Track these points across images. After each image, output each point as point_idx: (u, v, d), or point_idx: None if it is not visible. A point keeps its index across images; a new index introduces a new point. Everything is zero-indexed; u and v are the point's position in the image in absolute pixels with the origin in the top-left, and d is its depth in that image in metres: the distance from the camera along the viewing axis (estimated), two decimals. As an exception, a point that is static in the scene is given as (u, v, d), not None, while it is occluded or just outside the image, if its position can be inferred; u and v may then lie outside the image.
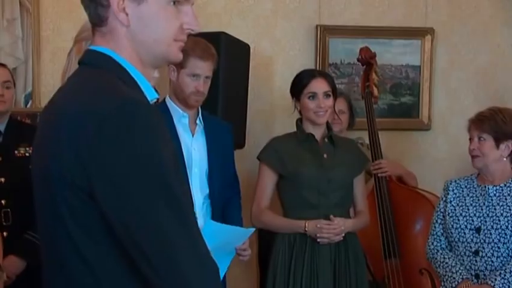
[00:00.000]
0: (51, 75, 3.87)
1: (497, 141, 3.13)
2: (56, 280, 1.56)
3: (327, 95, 3.33)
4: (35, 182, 1.58)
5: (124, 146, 1.41)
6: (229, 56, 3.76)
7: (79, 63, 1.63)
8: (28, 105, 3.90)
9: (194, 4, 1.64)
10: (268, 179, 3.39)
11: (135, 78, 1.57)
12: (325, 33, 4.52)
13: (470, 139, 3.20)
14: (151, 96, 1.60)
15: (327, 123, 3.41)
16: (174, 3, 1.57)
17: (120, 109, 1.42)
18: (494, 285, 3.01)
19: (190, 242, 1.45)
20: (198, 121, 3.16)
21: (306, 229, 3.26)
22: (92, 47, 1.59)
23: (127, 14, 1.53)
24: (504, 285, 3.00)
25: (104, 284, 1.47)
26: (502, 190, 3.16)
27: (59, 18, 3.90)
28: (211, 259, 1.49)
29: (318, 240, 3.25)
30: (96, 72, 1.55)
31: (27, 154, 3.32)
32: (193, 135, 3.13)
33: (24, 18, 3.87)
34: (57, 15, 3.90)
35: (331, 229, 3.24)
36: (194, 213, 1.54)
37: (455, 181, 3.30)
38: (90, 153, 1.41)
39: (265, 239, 3.72)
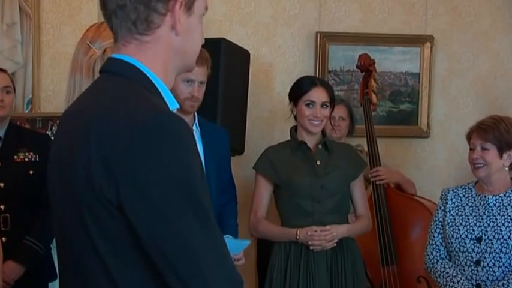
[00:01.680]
0: (51, 80, 3.83)
1: (501, 151, 3.09)
2: None
3: (325, 105, 3.31)
4: (53, 195, 1.56)
5: (156, 157, 1.38)
6: (229, 62, 3.73)
7: (101, 72, 1.60)
8: (27, 110, 3.86)
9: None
10: (264, 189, 3.38)
11: (159, 88, 1.55)
12: (324, 40, 4.50)
13: (471, 148, 3.15)
14: (173, 106, 1.57)
15: (322, 129, 3.38)
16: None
17: (153, 120, 1.40)
18: None
19: (217, 255, 1.43)
20: (194, 127, 3.13)
21: (298, 237, 3.25)
22: (115, 56, 1.57)
23: (181, 23, 1.54)
24: None
25: None
26: (502, 200, 3.12)
27: (59, 23, 3.86)
28: (237, 272, 1.46)
29: (311, 247, 3.24)
30: (124, 82, 1.52)
31: (26, 159, 3.31)
32: None
33: (23, 23, 3.83)
34: (57, 20, 3.85)
35: (322, 236, 3.22)
36: (216, 222, 1.49)
37: (453, 190, 3.26)
38: (120, 163, 1.38)
39: (263, 247, 3.72)
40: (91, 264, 1.45)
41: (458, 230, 3.13)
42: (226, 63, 3.65)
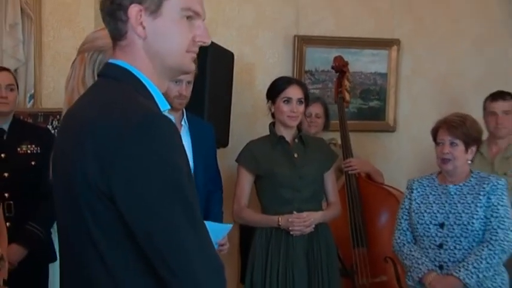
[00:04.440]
0: (52, 78, 3.78)
1: (467, 146, 3.10)
2: (75, 279, 1.53)
3: (300, 101, 3.32)
4: (56, 186, 1.56)
5: (145, 156, 1.38)
6: (215, 62, 3.70)
7: (99, 75, 1.62)
8: (29, 105, 3.82)
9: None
10: (246, 180, 3.38)
11: (150, 90, 1.54)
12: (302, 42, 4.49)
13: (439, 143, 3.14)
14: (164, 107, 1.56)
15: (298, 125, 3.39)
16: (187, 17, 1.53)
17: (142, 122, 1.39)
18: (459, 275, 2.98)
19: (201, 246, 1.43)
20: (183, 122, 3.10)
21: (280, 223, 3.26)
22: (111, 61, 1.57)
23: (144, 28, 1.51)
24: (467, 275, 2.97)
25: (121, 281, 1.44)
26: (462, 189, 3.13)
27: (59, 26, 3.80)
28: (218, 258, 1.47)
29: (291, 232, 3.25)
30: (116, 85, 1.52)
31: (28, 151, 3.29)
32: None
33: (25, 24, 3.79)
34: (57, 23, 3.80)
35: (301, 222, 3.23)
36: (201, 215, 1.49)
37: (418, 180, 3.26)
38: (112, 161, 1.38)
39: (245, 232, 3.72)
40: (87, 251, 1.45)
41: (423, 216, 3.14)
42: (212, 63, 3.63)
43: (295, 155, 3.33)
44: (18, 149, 3.29)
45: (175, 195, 1.39)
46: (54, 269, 3.28)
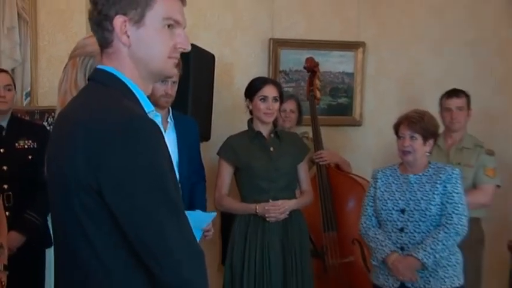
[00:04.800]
0: (47, 78, 3.75)
1: (425, 139, 3.13)
2: (68, 264, 1.52)
3: (275, 99, 3.33)
4: (51, 182, 1.55)
5: (130, 155, 1.38)
6: (197, 63, 3.69)
7: (88, 79, 1.61)
8: (25, 104, 3.79)
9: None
10: (226, 171, 3.38)
11: (135, 93, 1.53)
12: (276, 45, 4.49)
13: (400, 137, 3.16)
14: (149, 108, 1.55)
15: (274, 121, 3.40)
16: (169, 26, 1.52)
17: (128, 124, 1.40)
18: (418, 256, 3.00)
19: (184, 237, 1.44)
20: (169, 119, 3.09)
21: (257, 211, 3.27)
22: (99, 67, 1.57)
23: (128, 36, 1.51)
24: (425, 255, 3.00)
25: (110, 271, 1.45)
26: (421, 178, 3.15)
27: (53, 30, 3.76)
28: (199, 248, 1.47)
29: (267, 219, 3.27)
30: (105, 89, 1.51)
31: (26, 146, 3.28)
32: (165, 131, 3.03)
33: (21, 27, 3.75)
34: (52, 28, 3.76)
35: (277, 209, 3.25)
36: (183, 208, 1.50)
37: (382, 170, 3.28)
38: (102, 160, 1.39)
39: (226, 218, 3.72)
40: (79, 240, 1.45)
41: (386, 203, 3.16)
42: (195, 64, 3.62)
43: (271, 149, 3.34)
44: (16, 144, 3.27)
45: (159, 193, 1.40)
46: (50, 254, 3.27)
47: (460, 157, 3.87)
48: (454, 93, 3.97)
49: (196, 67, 3.66)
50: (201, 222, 2.84)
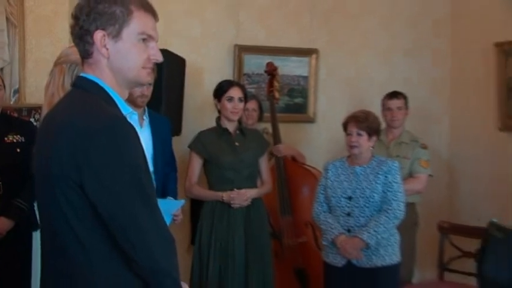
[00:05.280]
0: (34, 79, 3.66)
1: (369, 136, 3.16)
2: (52, 249, 1.52)
3: (240, 99, 3.33)
4: (37, 174, 1.53)
5: (109, 153, 1.39)
6: (170, 67, 3.66)
7: (72, 86, 1.60)
8: (13, 101, 3.70)
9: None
10: (196, 163, 3.36)
11: (114, 98, 1.54)
12: (240, 51, 4.46)
13: (348, 133, 3.18)
14: (126, 111, 1.56)
15: (239, 119, 3.39)
16: (143, 40, 1.53)
17: (107, 125, 1.40)
18: (362, 237, 3.04)
19: (156, 224, 1.45)
20: (144, 117, 3.06)
21: (223, 198, 3.27)
22: (82, 74, 1.57)
23: (107, 49, 1.51)
24: (369, 237, 3.04)
25: (92, 255, 1.44)
26: (366, 169, 3.18)
27: (39, 35, 3.67)
28: (169, 234, 1.48)
29: (232, 205, 3.27)
30: (87, 95, 1.51)
31: (14, 140, 3.20)
32: (141, 127, 3.01)
33: (10, 30, 3.65)
34: (38, 33, 3.67)
35: (240, 197, 3.26)
36: (156, 200, 1.50)
37: (332, 163, 3.30)
38: (83, 157, 1.39)
39: (195, 204, 3.71)
40: (62, 227, 1.45)
41: (336, 191, 3.18)
42: (167, 68, 3.58)
43: (236, 144, 3.34)
44: (5, 139, 3.19)
45: (134, 187, 1.41)
46: (37, 236, 3.23)
47: (398, 150, 3.92)
48: (394, 95, 4.02)
49: (169, 70, 3.63)
50: (171, 208, 2.84)
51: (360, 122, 3.14)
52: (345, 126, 3.21)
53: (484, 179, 4.54)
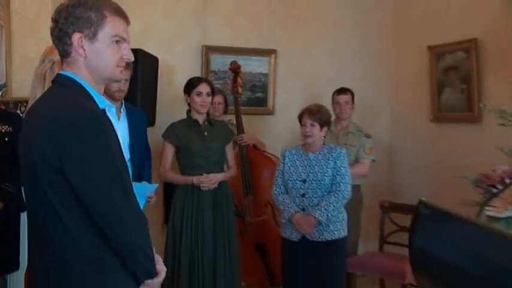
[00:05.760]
0: (20, 75, 3.58)
1: (321, 127, 3.17)
2: (38, 228, 1.50)
3: (208, 94, 3.31)
4: (22, 161, 1.51)
5: (87, 142, 1.38)
6: (144, 65, 3.63)
7: (52, 82, 1.57)
8: (0, 95, 3.62)
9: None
10: (169, 150, 3.33)
11: (91, 93, 1.52)
12: (208, 51, 4.44)
13: (303, 124, 3.19)
14: (102, 104, 1.54)
15: (207, 111, 3.37)
16: (116, 42, 1.53)
17: (86, 117, 1.40)
18: (315, 215, 3.07)
19: (130, 206, 1.45)
20: (122, 109, 3.02)
21: (193, 182, 3.24)
22: (61, 72, 1.55)
23: (84, 50, 1.50)
24: (320, 214, 3.06)
25: (72, 234, 1.43)
26: (318, 156, 3.20)
27: (24, 36, 3.59)
28: (143, 215, 1.49)
29: (202, 188, 3.25)
30: (65, 90, 1.50)
31: (2, 130, 3.13)
32: (119, 119, 2.98)
33: None
34: (23, 34, 3.59)
35: (209, 181, 3.23)
36: (131, 184, 1.49)
37: (289, 150, 3.30)
38: (65, 147, 1.38)
39: (168, 187, 3.70)
40: (47, 211, 1.44)
41: (292, 175, 3.19)
42: (142, 66, 3.56)
43: (205, 133, 3.31)
44: None
45: (111, 172, 1.41)
46: (24, 217, 3.19)
47: (346, 139, 3.97)
48: (342, 90, 4.07)
49: (144, 68, 3.61)
50: (145, 191, 2.81)
51: (313, 114, 3.16)
52: (300, 118, 3.22)
53: (419, 163, 4.65)
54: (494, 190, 1.98)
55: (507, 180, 1.96)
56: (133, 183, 1.52)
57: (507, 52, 3.34)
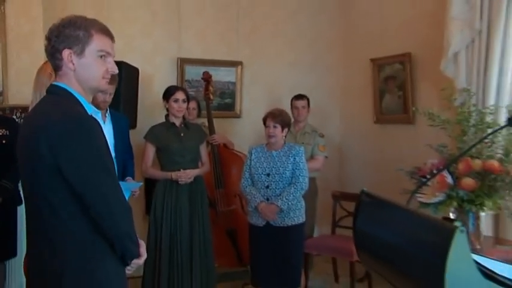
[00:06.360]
0: (15, 85, 3.49)
1: (283, 128, 3.19)
2: (34, 219, 1.49)
3: (184, 100, 3.29)
4: (20, 162, 1.50)
5: (80, 143, 1.39)
6: (126, 75, 3.61)
7: (47, 92, 1.56)
8: None
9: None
10: (150, 150, 3.30)
11: (80, 101, 1.52)
12: (182, 62, 4.42)
13: (267, 126, 3.20)
14: (90, 110, 1.54)
15: (183, 115, 3.35)
16: (102, 56, 1.53)
17: (78, 121, 1.40)
18: (278, 203, 3.09)
19: (118, 197, 1.45)
20: (107, 114, 2.99)
21: (172, 177, 3.22)
22: (54, 83, 1.54)
23: (73, 64, 1.50)
24: (282, 203, 3.08)
25: (65, 220, 1.42)
26: (280, 153, 3.22)
27: (19, 50, 3.50)
28: (128, 204, 1.49)
29: (179, 182, 3.23)
30: (59, 99, 1.50)
31: (0, 134, 3.05)
32: (104, 123, 2.94)
33: None
34: (18, 48, 3.50)
35: (185, 176, 3.22)
36: (117, 178, 1.50)
37: (255, 148, 3.31)
38: (60, 147, 1.38)
39: (149, 182, 3.64)
40: (44, 204, 1.43)
41: (258, 169, 3.20)
42: (125, 76, 3.53)
43: (182, 135, 3.28)
44: None
45: (100, 167, 1.41)
46: (21, 210, 3.12)
47: (303, 138, 4.02)
48: (299, 96, 4.11)
49: (126, 78, 3.58)
50: (131, 187, 2.81)
51: (276, 117, 3.18)
52: (264, 120, 3.24)
53: (364, 159, 4.74)
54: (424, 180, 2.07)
55: (435, 171, 2.06)
56: (121, 183, 1.53)
57: (435, 64, 3.48)
